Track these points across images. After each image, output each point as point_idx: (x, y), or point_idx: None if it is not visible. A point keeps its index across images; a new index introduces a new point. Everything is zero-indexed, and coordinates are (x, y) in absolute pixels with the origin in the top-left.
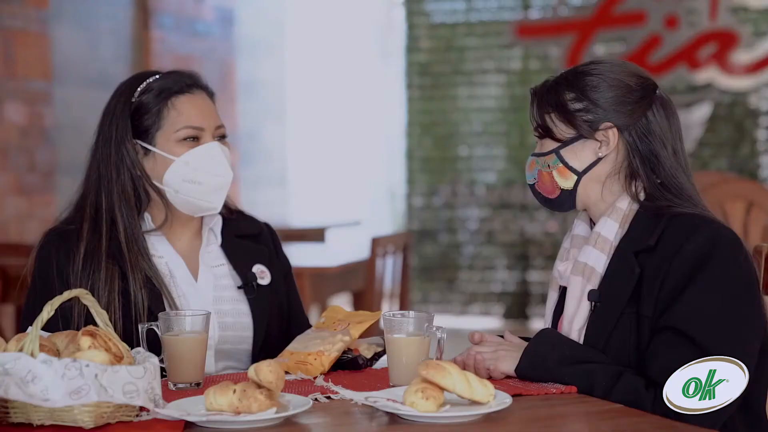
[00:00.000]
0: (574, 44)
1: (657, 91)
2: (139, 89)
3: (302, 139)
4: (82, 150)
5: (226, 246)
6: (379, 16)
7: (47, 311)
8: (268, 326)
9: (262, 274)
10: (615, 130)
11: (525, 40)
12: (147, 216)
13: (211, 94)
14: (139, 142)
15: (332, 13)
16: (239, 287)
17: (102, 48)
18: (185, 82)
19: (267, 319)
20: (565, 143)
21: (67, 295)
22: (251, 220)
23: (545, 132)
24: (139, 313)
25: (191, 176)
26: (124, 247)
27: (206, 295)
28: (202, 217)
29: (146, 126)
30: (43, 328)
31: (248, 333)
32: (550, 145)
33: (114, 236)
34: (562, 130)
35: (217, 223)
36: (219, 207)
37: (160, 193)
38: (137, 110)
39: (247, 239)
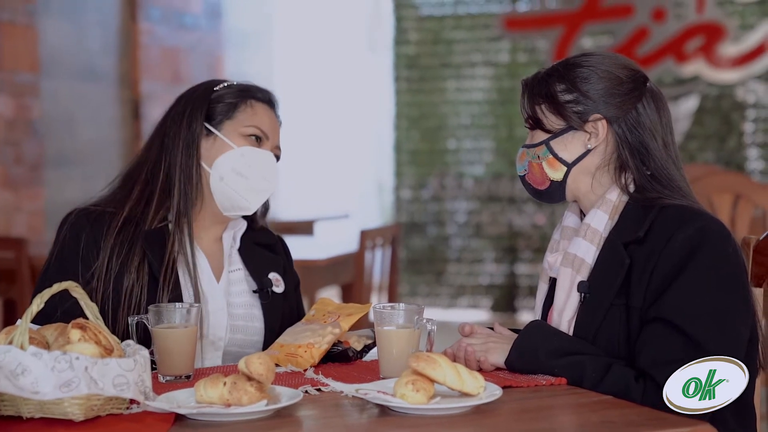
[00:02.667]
0: (561, 37)
1: (647, 84)
2: (222, 84)
3: (290, 132)
4: (70, 142)
5: (243, 252)
6: (367, 8)
7: (36, 304)
8: (278, 333)
9: (278, 282)
10: (604, 121)
11: (513, 33)
12: None
13: (280, 121)
14: (205, 123)
15: (320, 5)
16: (254, 291)
17: (89, 40)
18: (268, 96)
19: (278, 326)
20: (555, 134)
21: (56, 287)
22: (267, 231)
23: (535, 123)
24: (161, 299)
25: (241, 169)
26: (172, 220)
27: (224, 297)
28: (227, 220)
29: (218, 112)
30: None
31: (257, 338)
32: (540, 136)
33: (161, 213)
34: (552, 121)
35: (241, 229)
36: (254, 209)
37: (201, 178)
38: (215, 98)
39: (264, 248)
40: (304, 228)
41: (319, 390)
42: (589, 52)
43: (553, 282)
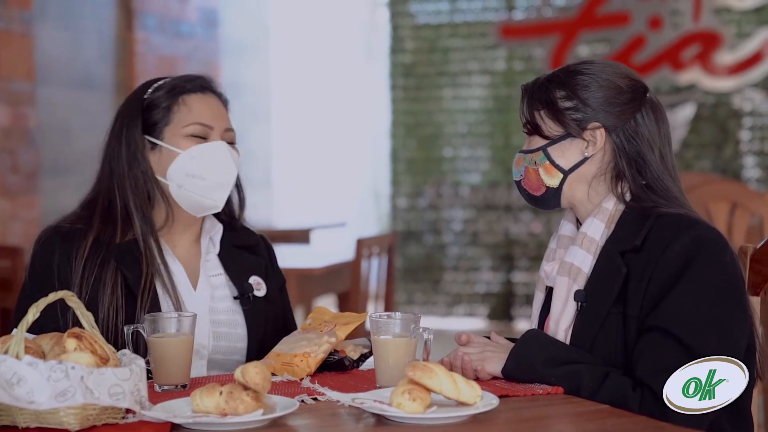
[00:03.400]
0: (558, 45)
1: (647, 94)
2: (151, 88)
3: (287, 141)
4: (66, 151)
5: (223, 256)
6: (363, 17)
7: (32, 313)
8: (262, 338)
9: (258, 286)
10: (602, 130)
11: (509, 41)
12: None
13: (224, 101)
14: (147, 136)
15: (316, 13)
16: (235, 298)
17: (85, 49)
18: (198, 83)
19: (262, 331)
20: (552, 141)
21: (52, 297)
22: (248, 231)
23: (534, 129)
24: (139, 314)
25: (195, 171)
26: (140, 243)
27: (204, 304)
28: (202, 225)
29: (155, 121)
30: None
31: (242, 344)
32: (537, 142)
33: (128, 232)
34: (551, 127)
35: (218, 232)
36: (221, 205)
37: (163, 191)
38: (148, 107)
39: (244, 250)
40: (301, 236)
41: (315, 399)
42: (591, 60)
43: (549, 291)
